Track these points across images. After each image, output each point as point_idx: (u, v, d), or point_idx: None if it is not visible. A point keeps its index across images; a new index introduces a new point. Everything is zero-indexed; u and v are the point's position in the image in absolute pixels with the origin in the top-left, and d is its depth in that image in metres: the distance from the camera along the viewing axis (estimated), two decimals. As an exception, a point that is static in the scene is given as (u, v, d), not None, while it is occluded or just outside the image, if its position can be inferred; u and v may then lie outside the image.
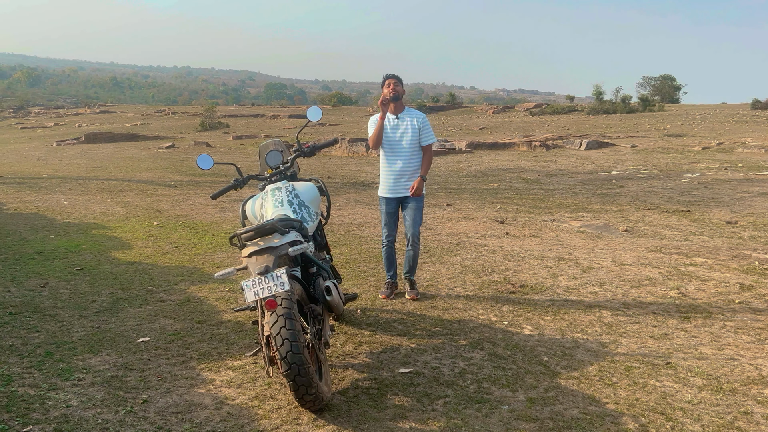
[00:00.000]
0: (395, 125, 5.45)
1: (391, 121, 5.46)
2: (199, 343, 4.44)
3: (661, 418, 3.41)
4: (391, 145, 5.45)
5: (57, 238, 7.87)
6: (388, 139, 5.45)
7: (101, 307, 5.21)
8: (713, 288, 5.70)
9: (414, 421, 3.36)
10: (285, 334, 3.15)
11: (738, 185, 12.47)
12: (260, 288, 3.27)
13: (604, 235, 8.09)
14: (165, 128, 36.30)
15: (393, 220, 5.59)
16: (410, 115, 5.49)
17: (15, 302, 5.24)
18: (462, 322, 4.90)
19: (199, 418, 3.37)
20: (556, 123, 33.74)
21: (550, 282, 5.93)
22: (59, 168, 17.41)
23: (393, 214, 5.57)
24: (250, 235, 3.53)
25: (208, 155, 4.36)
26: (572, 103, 48.61)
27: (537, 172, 15.50)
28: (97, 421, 3.29)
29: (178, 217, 9.41)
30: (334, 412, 3.44)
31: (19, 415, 3.32)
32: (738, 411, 3.48)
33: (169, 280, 6.01)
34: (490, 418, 3.41)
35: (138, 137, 30.22)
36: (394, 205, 5.55)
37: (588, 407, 3.53)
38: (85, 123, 41.48)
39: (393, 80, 5.41)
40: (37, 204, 10.65)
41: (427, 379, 3.89)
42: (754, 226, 8.52)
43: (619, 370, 4.03)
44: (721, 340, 4.52)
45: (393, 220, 5.59)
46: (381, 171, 5.58)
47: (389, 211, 5.56)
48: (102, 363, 4.06)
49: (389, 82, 5.40)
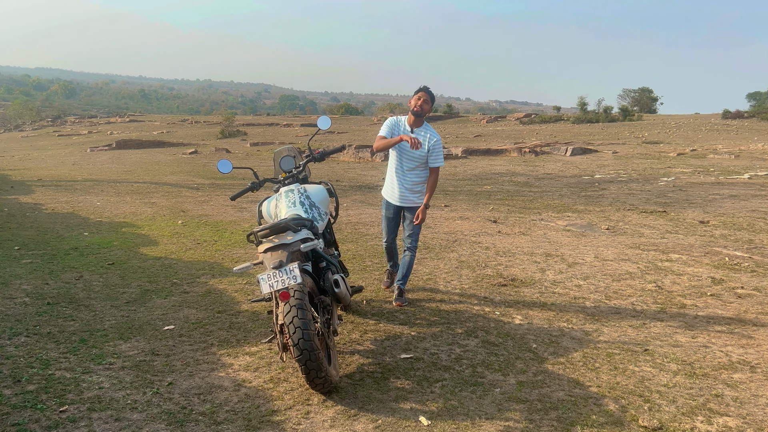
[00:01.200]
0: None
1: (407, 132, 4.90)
2: (219, 330, 4.45)
3: (640, 400, 3.40)
4: (401, 154, 4.94)
5: (90, 235, 7.88)
6: (400, 149, 4.93)
7: (130, 298, 5.22)
8: (687, 282, 5.69)
9: (414, 402, 3.36)
10: (297, 322, 3.15)
11: (710, 188, 12.43)
12: (275, 281, 3.27)
13: (587, 233, 8.07)
14: (188, 136, 36.34)
15: (393, 226, 5.20)
16: (427, 131, 4.90)
17: (52, 293, 5.26)
18: (458, 312, 4.90)
19: (219, 398, 3.38)
20: (544, 131, 33.66)
21: (539, 276, 5.91)
22: (93, 172, 17.44)
23: (393, 219, 5.16)
24: (265, 233, 3.53)
25: (228, 160, 4.37)
26: (559, 113, 48.51)
27: (527, 176, 15.47)
28: (126, 402, 3.30)
29: (200, 217, 9.42)
30: (341, 393, 3.45)
31: (56, 396, 3.33)
32: (710, 394, 3.47)
33: (192, 273, 6.02)
34: (483, 399, 3.41)
35: (164, 144, 30.25)
36: (394, 211, 5.13)
37: (573, 390, 3.52)
38: (116, 131, 41.54)
39: (425, 95, 4.83)
40: (73, 204, 10.67)
41: (426, 364, 3.89)
42: (724, 225, 8.49)
43: (601, 356, 4.02)
44: (694, 329, 4.50)
45: (393, 225, 5.19)
46: (387, 174, 5.19)
47: (389, 215, 5.15)
48: (131, 349, 4.07)
49: (420, 95, 4.83)
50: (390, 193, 5.13)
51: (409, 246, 5.06)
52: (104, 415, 3.15)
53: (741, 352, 4.08)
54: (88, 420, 3.09)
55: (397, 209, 5.12)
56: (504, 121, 46.91)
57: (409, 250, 5.07)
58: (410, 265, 5.09)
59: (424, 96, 4.83)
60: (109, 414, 3.16)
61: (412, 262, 5.10)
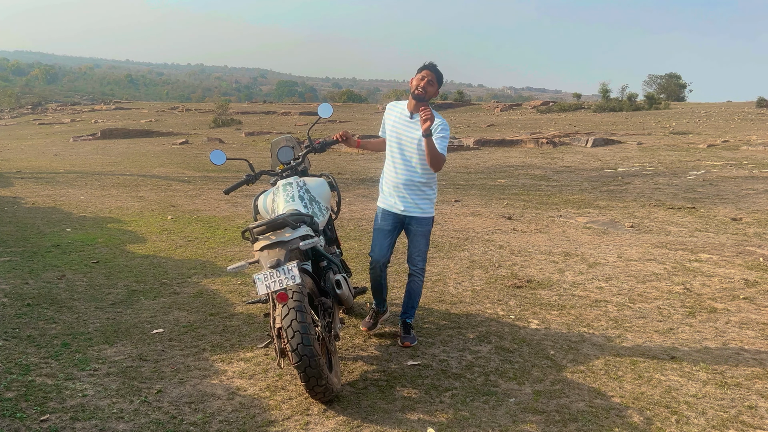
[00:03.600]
0: (407, 126, 4.15)
1: (406, 119, 4.17)
2: (211, 334, 4.46)
3: (666, 411, 3.39)
4: (399, 147, 4.18)
5: (73, 231, 7.91)
6: (397, 140, 4.20)
7: (116, 299, 5.24)
8: (718, 284, 5.66)
9: (422, 413, 3.36)
10: (296, 326, 3.15)
11: (743, 182, 12.38)
12: (272, 281, 3.27)
13: (610, 231, 8.05)
14: (179, 125, 36.42)
15: (386, 242, 4.26)
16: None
17: (33, 294, 5.28)
18: (469, 315, 4.89)
19: (212, 408, 3.38)
20: (563, 120, 33.59)
21: (557, 277, 5.90)
22: (76, 163, 17.50)
23: (387, 233, 4.26)
24: (262, 229, 3.53)
25: (221, 151, 4.36)
26: (579, 101, 48.41)
27: (544, 169, 15.44)
28: (112, 411, 3.31)
29: (191, 212, 9.44)
30: (343, 403, 3.45)
31: (36, 404, 3.34)
32: (742, 405, 3.46)
33: (183, 273, 6.03)
34: (497, 410, 3.40)
35: (152, 133, 30.32)
36: (390, 222, 4.26)
37: (594, 400, 3.51)
38: (100, 119, 41.67)
39: (429, 73, 4.07)
40: (54, 198, 10.71)
41: (435, 371, 3.88)
42: (758, 222, 8.45)
43: (624, 364, 4.01)
44: (725, 335, 4.49)
45: (387, 242, 4.26)
46: (381, 177, 4.39)
47: (383, 227, 4.26)
48: (117, 354, 4.08)
49: (425, 75, 4.06)
50: (387, 200, 4.30)
51: (414, 269, 4.32)
52: (88, 425, 3.15)
53: (776, 360, 4.06)
54: (71, 430, 3.10)
55: (392, 220, 4.28)
56: (520, 110, 46.81)
57: (415, 275, 4.32)
58: (418, 293, 4.36)
59: (429, 75, 4.07)
60: (94, 424, 3.17)
61: (420, 289, 4.36)
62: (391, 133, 4.26)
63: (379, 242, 4.28)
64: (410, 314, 4.39)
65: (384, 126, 4.38)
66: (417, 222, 4.24)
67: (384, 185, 4.35)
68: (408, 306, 4.38)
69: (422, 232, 4.26)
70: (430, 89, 4.08)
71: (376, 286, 4.38)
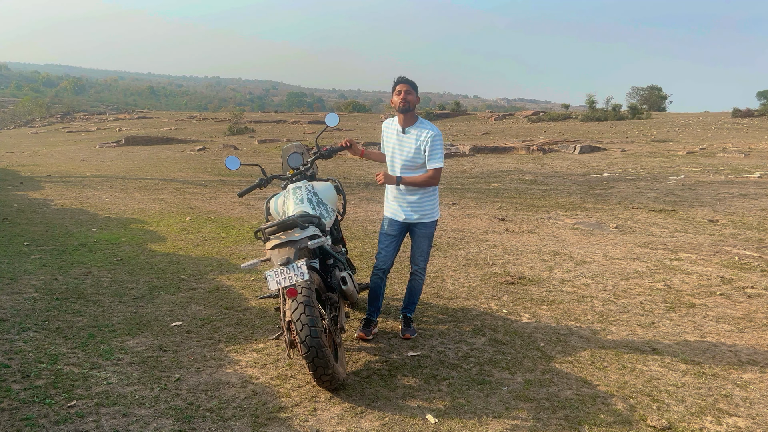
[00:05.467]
0: (401, 141, 4.15)
1: (399, 135, 4.17)
2: (226, 327, 4.46)
3: (648, 399, 3.38)
4: (396, 162, 4.19)
5: (99, 231, 7.92)
6: (392, 155, 4.23)
7: (138, 294, 5.24)
8: (696, 281, 5.65)
9: (421, 400, 3.36)
10: (304, 319, 3.15)
11: (719, 187, 12.34)
12: (282, 278, 3.27)
13: (596, 231, 8.03)
14: (196, 132, 36.43)
15: (392, 247, 4.27)
16: (422, 128, 4.09)
17: (61, 289, 5.28)
18: (465, 310, 4.89)
19: (227, 395, 3.38)
20: (553, 129, 33.52)
21: (547, 274, 5.89)
22: (101, 168, 17.52)
23: (393, 238, 4.26)
24: (273, 229, 3.53)
25: (236, 157, 4.36)
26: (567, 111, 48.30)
27: (535, 174, 15.42)
28: (134, 397, 3.31)
29: (208, 213, 9.44)
30: (348, 391, 3.45)
31: (64, 391, 3.35)
32: (719, 393, 3.45)
33: (200, 270, 6.03)
34: (491, 398, 3.40)
35: (172, 141, 30.33)
36: (396, 228, 4.25)
37: (581, 389, 3.51)
38: (124, 128, 41.72)
39: (405, 86, 4.06)
40: (82, 200, 10.72)
41: (433, 361, 3.88)
42: (734, 224, 8.43)
43: (609, 355, 4.00)
44: (703, 328, 4.47)
45: (392, 246, 4.27)
46: (386, 186, 4.34)
47: (390, 233, 4.25)
48: (139, 344, 4.08)
49: (400, 89, 4.05)
50: (392, 209, 4.29)
51: (416, 269, 4.34)
52: (112, 411, 3.16)
53: (750, 351, 4.05)
54: (96, 415, 3.11)
55: (398, 226, 4.27)
56: (512, 119, 46.74)
57: (416, 273, 4.36)
58: (419, 290, 4.40)
59: (405, 87, 4.06)
60: (117, 409, 3.17)
61: (420, 287, 4.40)
62: (388, 149, 4.28)
63: (384, 246, 4.28)
64: (411, 309, 4.43)
65: (383, 142, 4.37)
66: (422, 225, 4.25)
67: (388, 194, 4.34)
68: (409, 302, 4.41)
69: (426, 234, 4.27)
70: (410, 98, 4.06)
71: (373, 292, 4.35)
